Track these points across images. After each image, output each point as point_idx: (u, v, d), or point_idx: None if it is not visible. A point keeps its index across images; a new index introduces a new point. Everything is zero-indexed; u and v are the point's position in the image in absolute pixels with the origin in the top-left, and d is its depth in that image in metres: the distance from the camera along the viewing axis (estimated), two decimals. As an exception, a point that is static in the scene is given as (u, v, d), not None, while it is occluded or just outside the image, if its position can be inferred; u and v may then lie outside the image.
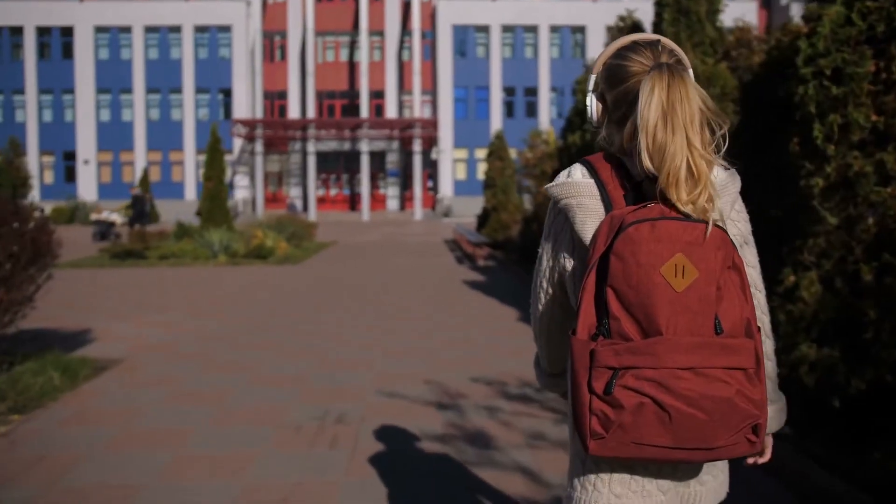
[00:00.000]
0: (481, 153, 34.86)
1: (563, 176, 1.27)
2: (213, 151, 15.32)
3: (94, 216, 20.77)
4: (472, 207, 32.35)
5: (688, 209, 1.13)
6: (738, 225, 1.27)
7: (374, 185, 36.28)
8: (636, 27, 6.43)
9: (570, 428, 1.28)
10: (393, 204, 36.59)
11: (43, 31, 35.97)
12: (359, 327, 6.74)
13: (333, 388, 4.55)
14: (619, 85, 1.24)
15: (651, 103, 1.14)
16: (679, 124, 1.14)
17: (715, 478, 1.27)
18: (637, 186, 1.21)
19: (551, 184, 1.27)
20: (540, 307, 1.35)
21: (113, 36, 35.95)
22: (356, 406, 4.15)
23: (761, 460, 1.31)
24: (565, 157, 7.85)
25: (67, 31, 35.83)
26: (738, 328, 1.11)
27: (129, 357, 5.48)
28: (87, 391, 4.50)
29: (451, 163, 35.69)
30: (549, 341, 1.39)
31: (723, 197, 1.20)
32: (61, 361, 4.87)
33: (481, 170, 35.16)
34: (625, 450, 1.11)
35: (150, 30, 35.89)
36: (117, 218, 20.01)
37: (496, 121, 34.72)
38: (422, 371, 4.99)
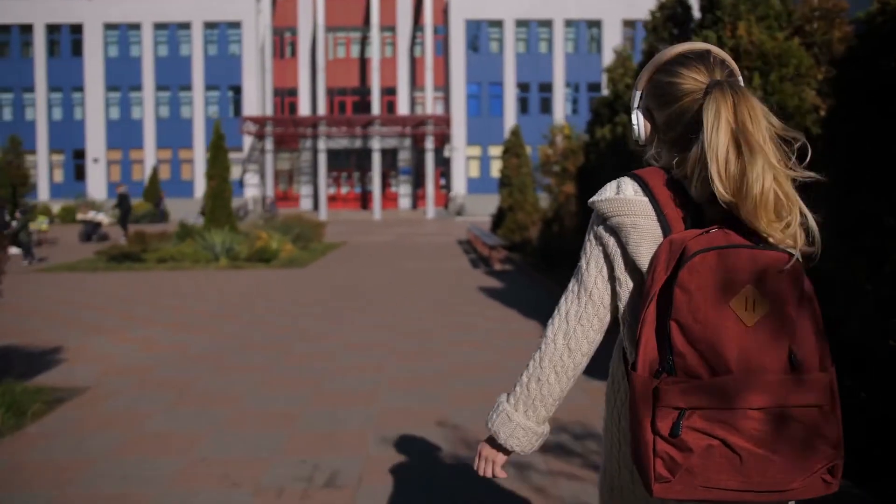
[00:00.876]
0: (495, 150, 34.35)
1: (611, 190, 1.18)
2: (217, 149, 14.61)
3: (80, 216, 20.24)
4: (485, 206, 31.78)
5: (779, 237, 1.05)
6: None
7: (385, 183, 35.70)
8: (681, 4, 5.60)
9: (605, 473, 1.25)
10: (405, 202, 35.98)
11: (52, 29, 35.74)
12: (361, 346, 5.97)
13: (327, 432, 3.77)
14: (671, 104, 1.16)
15: (719, 128, 1.06)
16: (756, 145, 1.05)
17: None
18: (697, 208, 1.12)
19: (599, 198, 1.18)
20: (581, 335, 1.20)
21: (122, 33, 35.65)
22: (352, 460, 3.37)
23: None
24: (593, 153, 7.02)
25: (77, 29, 35.51)
26: (811, 362, 1.04)
27: (95, 385, 4.75)
28: (31, 435, 3.75)
29: (465, 160, 35.07)
30: (574, 374, 1.24)
31: None
32: (12, 393, 4.15)
33: (495, 167, 34.90)
34: (692, 493, 1.05)
35: (159, 27, 35.57)
36: (104, 218, 19.47)
37: (510, 117, 34.04)
38: (433, 407, 4.21)
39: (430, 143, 33.38)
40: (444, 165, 35.32)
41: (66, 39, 35.70)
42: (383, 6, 34.72)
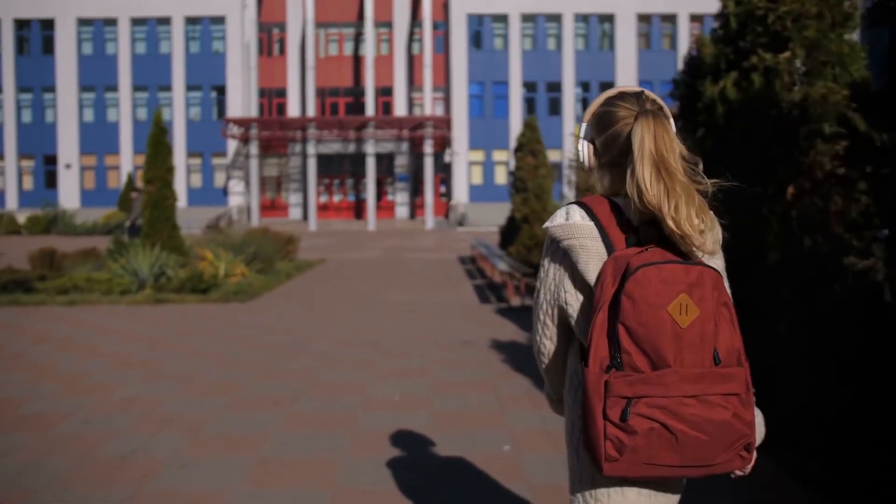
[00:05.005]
0: (499, 155, 31.92)
1: (561, 217, 1.38)
2: (157, 145, 11.64)
3: None
4: (489, 216, 29.25)
5: (698, 246, 1.28)
6: (719, 263, 1.40)
7: (381, 190, 33.31)
8: None
9: (573, 449, 1.40)
10: (402, 211, 33.46)
11: (22, 24, 33.84)
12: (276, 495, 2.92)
13: None
14: (608, 129, 1.40)
15: (644, 152, 1.29)
16: (674, 168, 1.29)
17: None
18: (635, 230, 1.33)
19: (552, 224, 1.39)
20: (546, 342, 1.45)
21: (97, 29, 33.86)
22: None
23: (742, 473, 1.37)
24: (704, 127, 3.95)
25: (48, 24, 33.51)
26: (731, 358, 1.27)
27: None
28: None
29: (466, 166, 32.80)
30: (556, 373, 1.49)
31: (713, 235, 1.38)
32: None
33: (499, 173, 32.29)
34: (636, 470, 1.25)
35: (137, 22, 33.79)
36: None
37: (516, 119, 31.77)
38: None
39: (428, 147, 31.07)
40: (444, 171, 33.02)
41: (37, 36, 33.65)
42: (378, 0, 32.28)
